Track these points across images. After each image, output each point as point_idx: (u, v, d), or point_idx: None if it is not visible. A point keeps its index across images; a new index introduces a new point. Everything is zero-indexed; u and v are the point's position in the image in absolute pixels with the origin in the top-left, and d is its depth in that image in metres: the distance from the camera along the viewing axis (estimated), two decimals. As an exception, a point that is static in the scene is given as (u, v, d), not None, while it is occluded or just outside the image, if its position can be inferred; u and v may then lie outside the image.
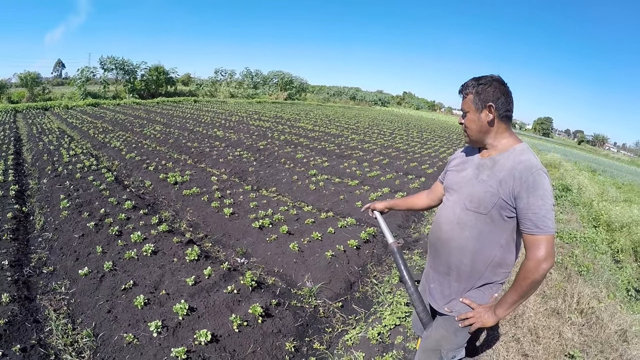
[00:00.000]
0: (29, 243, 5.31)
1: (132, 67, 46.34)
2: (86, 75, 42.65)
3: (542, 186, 1.81)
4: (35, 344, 3.23)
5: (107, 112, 24.48)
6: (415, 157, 13.56)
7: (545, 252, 1.78)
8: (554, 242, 1.83)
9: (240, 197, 7.01)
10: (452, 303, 2.18)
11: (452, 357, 2.28)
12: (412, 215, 6.99)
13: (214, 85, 57.03)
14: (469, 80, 2.01)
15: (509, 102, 1.95)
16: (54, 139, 13.05)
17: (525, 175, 1.83)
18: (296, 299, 4.21)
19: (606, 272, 5.43)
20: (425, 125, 35.54)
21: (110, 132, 14.86)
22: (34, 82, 41.69)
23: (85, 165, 8.92)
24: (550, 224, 1.79)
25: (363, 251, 5.25)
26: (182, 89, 55.33)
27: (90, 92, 41.47)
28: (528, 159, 1.88)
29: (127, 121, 19.05)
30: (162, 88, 49.34)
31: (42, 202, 6.76)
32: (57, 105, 30.35)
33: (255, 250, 5.25)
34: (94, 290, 4.01)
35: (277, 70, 64.21)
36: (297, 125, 20.81)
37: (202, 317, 3.59)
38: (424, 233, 6.23)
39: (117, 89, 46.16)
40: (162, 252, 4.72)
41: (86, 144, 12.54)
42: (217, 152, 11.37)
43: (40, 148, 11.55)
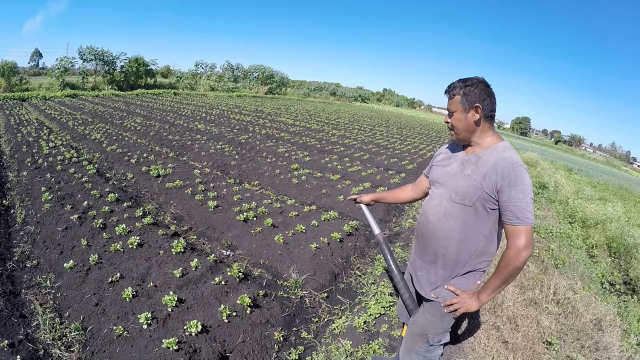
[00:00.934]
0: (11, 237, 5.16)
1: (112, 58, 44.98)
2: (64, 65, 41.14)
3: (522, 181, 1.93)
4: (23, 339, 3.16)
5: (86, 104, 23.81)
6: (395, 153, 13.65)
7: (525, 242, 1.91)
8: (532, 233, 1.96)
9: (224, 191, 6.95)
10: (438, 289, 2.28)
11: (438, 341, 2.37)
12: (393, 209, 7.07)
13: (194, 78, 55.91)
14: (456, 82, 2.11)
15: (493, 103, 2.08)
16: (32, 131, 12.65)
17: (507, 171, 1.95)
18: (282, 290, 4.23)
19: (581, 265, 5.59)
20: (405, 122, 35.77)
21: (90, 124, 14.46)
22: (11, 71, 40.16)
23: (65, 157, 8.68)
24: (529, 216, 1.92)
25: (346, 244, 5.29)
26: (161, 81, 54.15)
27: (69, 82, 40.14)
28: (510, 156, 2.01)
29: (107, 113, 18.58)
30: (142, 80, 48.17)
31: (23, 194, 6.56)
32: (35, 96, 29.29)
33: (240, 242, 5.24)
34: (80, 284, 3.93)
35: (258, 64, 63.51)
36: (278, 120, 20.68)
37: (191, 308, 3.57)
38: (405, 227, 6.31)
39: (96, 80, 44.79)
40: (147, 244, 4.65)
41: (66, 136, 12.18)
42: (198, 146, 11.22)
43: (18, 140, 11.16)
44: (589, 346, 3.65)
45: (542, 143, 72.95)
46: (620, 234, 7.15)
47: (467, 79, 2.10)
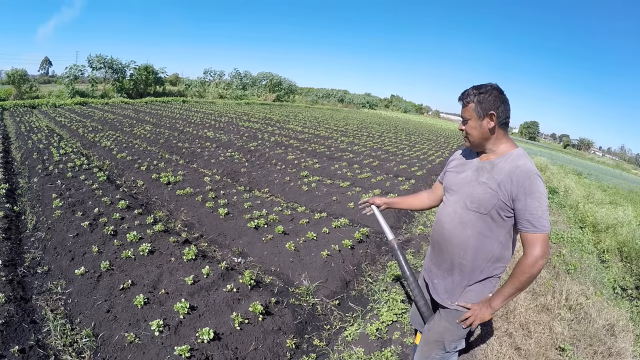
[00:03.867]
0: (22, 243, 5.22)
1: (121, 66, 45.65)
2: (74, 73, 41.84)
3: (537, 189, 1.97)
4: (34, 345, 3.18)
5: (96, 111, 24.12)
6: (404, 160, 13.64)
7: (541, 250, 1.95)
8: (548, 240, 1.99)
9: (234, 198, 6.98)
10: (455, 297, 2.30)
11: (454, 347, 2.38)
12: (403, 215, 7.05)
13: (203, 85, 56.57)
14: (470, 89, 2.13)
15: (507, 110, 2.10)
16: (43, 138, 12.82)
17: (522, 179, 1.98)
18: (294, 297, 4.23)
19: (593, 271, 5.54)
20: (413, 128, 35.82)
21: (100, 132, 14.63)
22: (21, 79, 40.87)
23: (76, 164, 8.79)
24: (545, 224, 1.95)
25: (357, 251, 5.28)
26: (170, 89, 54.79)
27: (78, 90, 40.73)
28: (524, 164, 2.04)
29: (117, 120, 18.80)
30: (151, 88, 48.79)
31: (34, 201, 6.64)
32: (45, 104, 29.76)
33: (251, 249, 5.25)
34: (91, 290, 3.96)
35: (266, 71, 64.05)
36: (286, 127, 20.77)
37: (203, 315, 3.57)
38: (415, 233, 6.28)
39: (106, 88, 45.42)
40: (159, 251, 4.68)
41: (76, 143, 12.33)
42: (208, 153, 11.30)
43: (29, 146, 11.33)
44: (602, 352, 3.61)
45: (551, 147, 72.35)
46: (632, 238, 7.08)
47: (481, 85, 2.12)
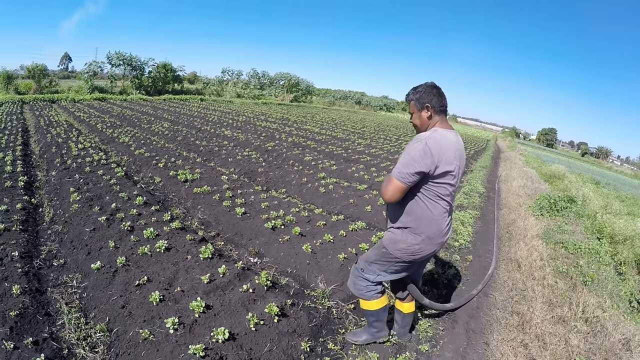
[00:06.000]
0: (39, 235, 5.30)
1: (140, 64, 46.79)
2: (93, 69, 42.98)
3: (409, 147, 2.65)
4: (48, 337, 3.21)
5: (114, 107, 24.56)
6: None
7: (388, 187, 2.63)
8: (395, 186, 2.61)
9: (252, 197, 6.99)
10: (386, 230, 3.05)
11: (361, 267, 3.12)
12: None
13: (221, 84, 57.59)
14: (409, 91, 2.81)
15: (441, 100, 2.73)
16: (61, 132, 13.09)
17: (408, 143, 2.71)
18: (310, 299, 4.20)
19: (610, 283, 5.42)
20: None
21: (118, 127, 14.91)
22: (41, 74, 42.07)
23: (94, 159, 8.94)
24: (395, 170, 2.62)
25: None
26: (188, 87, 55.73)
27: (98, 86, 41.70)
28: (421, 134, 2.69)
29: (135, 117, 19.13)
30: (169, 85, 49.70)
31: (51, 194, 6.76)
32: (64, 98, 30.47)
33: (268, 250, 5.25)
34: (107, 285, 3.99)
35: (284, 72, 65.02)
36: (304, 128, 20.85)
37: (218, 315, 3.57)
38: None
39: (124, 85, 46.40)
40: (175, 249, 4.70)
41: (94, 138, 12.55)
42: (226, 152, 11.38)
43: (48, 140, 11.58)
44: (617, 367, 3.52)
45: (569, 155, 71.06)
46: (650, 251, 6.90)
47: (418, 85, 2.79)
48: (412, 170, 2.55)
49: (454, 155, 2.67)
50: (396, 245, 2.85)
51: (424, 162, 2.54)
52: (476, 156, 20.57)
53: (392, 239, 2.88)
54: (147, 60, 47.92)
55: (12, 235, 4.94)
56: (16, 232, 5.05)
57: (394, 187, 2.60)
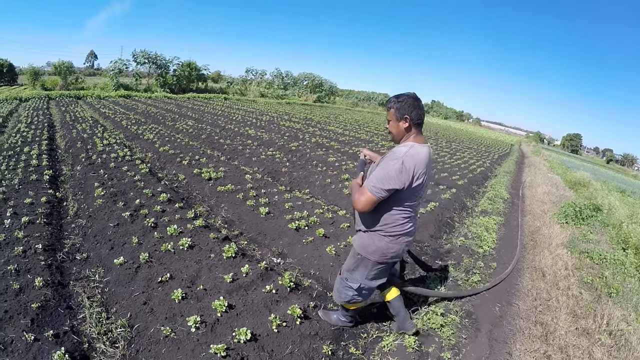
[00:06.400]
0: (62, 228, 5.42)
1: (165, 62, 47.82)
2: (119, 67, 44.18)
3: (386, 163, 2.75)
4: (68, 331, 3.26)
5: (139, 105, 25.04)
6: (445, 168, 13.47)
7: (361, 198, 2.77)
8: (369, 199, 2.75)
9: (275, 197, 6.99)
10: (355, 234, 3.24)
11: (345, 277, 3.27)
12: (444, 226, 6.91)
13: (245, 84, 58.42)
14: (391, 98, 2.90)
15: (420, 113, 2.84)
16: (87, 128, 13.40)
17: (387, 155, 2.85)
18: (332, 302, 4.16)
19: (635, 295, 5.24)
20: (454, 135, 35.51)
21: (143, 124, 15.18)
22: (67, 71, 43.41)
23: (119, 155, 9.12)
24: (370, 184, 2.75)
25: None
26: (212, 86, 56.58)
27: (123, 83, 42.79)
28: (398, 150, 2.81)
29: (159, 114, 19.45)
30: (193, 84, 50.55)
31: (76, 188, 6.90)
32: (90, 95, 31.28)
33: (291, 251, 5.23)
34: (129, 281, 4.03)
35: (307, 72, 65.81)
36: (327, 129, 20.85)
37: (240, 315, 3.56)
38: (456, 244, 6.10)
39: (149, 82, 47.47)
40: (198, 247, 4.72)
41: (119, 135, 12.80)
42: (249, 151, 11.44)
43: (73, 135, 11.87)
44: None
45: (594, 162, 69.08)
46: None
47: (400, 94, 2.87)
48: (387, 187, 2.70)
49: (425, 170, 2.83)
50: (367, 249, 3.05)
51: (398, 180, 2.70)
52: (500, 161, 20.27)
53: (362, 245, 3.08)
54: (171, 58, 49.09)
55: (36, 228, 5.05)
56: (40, 225, 5.17)
57: (367, 200, 2.75)
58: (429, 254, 5.71)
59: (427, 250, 5.83)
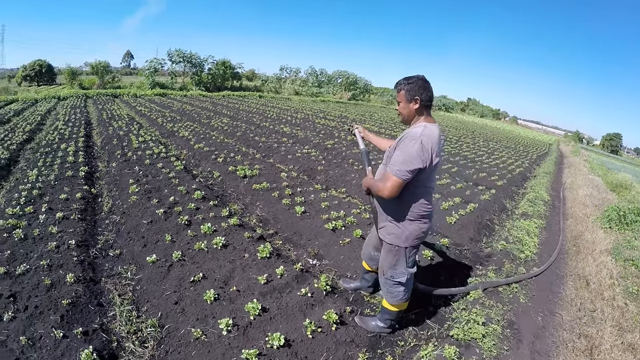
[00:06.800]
0: (96, 224, 5.49)
1: (200, 61, 49.04)
2: (154, 66, 45.64)
3: (405, 145, 2.83)
4: (98, 329, 3.25)
5: (175, 102, 25.54)
6: (483, 168, 13.10)
7: (385, 185, 2.85)
8: (395, 183, 2.81)
9: (311, 196, 6.88)
10: (381, 230, 3.26)
11: (390, 276, 3.27)
12: (483, 228, 6.67)
13: (279, 81, 59.34)
14: (401, 80, 3.00)
15: (429, 95, 2.97)
16: (123, 125, 13.72)
17: (404, 137, 2.91)
18: (369, 307, 4.06)
19: None
20: (491, 134, 34.85)
21: (178, 122, 15.42)
22: (104, 70, 45.09)
23: (154, 152, 9.24)
24: (394, 168, 2.81)
25: (436, 263, 5.01)
26: (247, 84, 57.51)
27: (158, 82, 44.09)
28: (414, 131, 2.89)
29: (195, 112, 19.74)
30: (228, 82, 51.49)
31: (111, 185, 6.99)
32: (126, 93, 32.27)
33: (327, 252, 5.11)
34: (161, 279, 4.00)
35: (341, 70, 66.37)
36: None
37: (274, 318, 3.46)
38: (496, 249, 5.84)
39: (184, 81, 48.63)
40: (232, 246, 4.66)
41: (155, 132, 13.03)
42: (285, 149, 11.39)
43: (109, 133, 12.14)
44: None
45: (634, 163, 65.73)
46: None
47: (410, 77, 2.97)
48: (411, 167, 2.78)
49: (439, 148, 2.95)
50: (401, 238, 3.13)
51: (420, 159, 2.79)
52: (539, 161, 19.55)
53: (396, 236, 3.14)
54: (206, 57, 50.37)
55: (70, 224, 5.11)
56: (74, 221, 5.23)
57: (393, 184, 2.82)
58: (468, 257, 5.47)
59: (467, 253, 5.58)
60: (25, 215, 5.33)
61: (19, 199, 5.86)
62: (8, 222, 4.99)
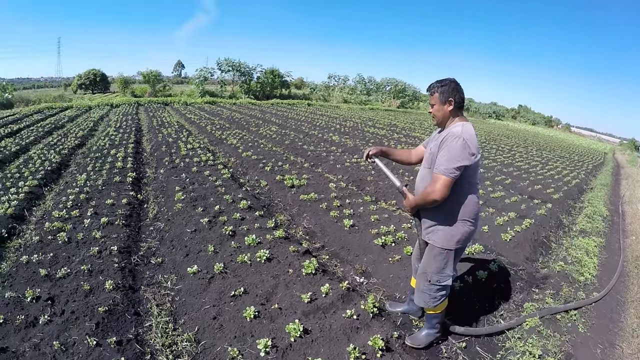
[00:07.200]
0: (140, 230, 5.53)
1: (248, 69, 50.66)
2: (204, 75, 47.57)
3: (450, 145, 2.85)
4: (132, 339, 3.20)
5: (224, 110, 26.10)
6: (538, 179, 12.39)
7: (435, 187, 2.86)
8: (445, 182, 2.83)
9: (360, 209, 6.66)
10: (429, 233, 3.23)
11: (437, 280, 3.24)
12: (540, 246, 6.23)
13: (327, 89, 60.11)
14: (434, 83, 3.09)
15: (462, 96, 3.06)
16: (172, 132, 14.06)
17: (445, 138, 2.92)
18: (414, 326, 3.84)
19: None
20: (544, 143, 33.34)
21: (226, 130, 15.67)
22: (155, 79, 47.33)
23: (202, 159, 9.34)
24: (442, 168, 2.83)
25: (489, 284, 4.69)
26: (295, 92, 58.51)
27: (208, 90, 45.71)
28: (454, 130, 2.94)
29: (243, 120, 20.05)
30: (277, 90, 52.63)
31: (157, 191, 7.07)
32: (177, 101, 33.45)
33: (375, 269, 4.87)
34: (201, 292, 3.92)
35: (390, 77, 66.33)
36: (412, 135, 20.30)
37: (316, 341, 3.26)
38: (554, 269, 5.39)
39: (234, 89, 49.99)
40: (277, 260, 4.52)
41: (203, 139, 13.26)
42: (333, 158, 11.25)
43: (159, 139, 12.45)
44: None
45: None
46: None
47: (442, 80, 3.07)
48: (458, 164, 2.81)
49: (478, 145, 3.01)
50: (453, 240, 3.11)
51: (465, 156, 2.83)
52: (594, 172, 18.34)
53: (447, 239, 3.12)
54: (255, 66, 51.85)
55: (114, 229, 5.17)
56: (118, 226, 5.29)
57: (442, 184, 2.85)
58: (524, 279, 5.07)
59: (522, 274, 5.18)
60: (70, 219, 5.47)
61: (66, 203, 6.03)
62: (54, 225, 5.13)
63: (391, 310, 4.06)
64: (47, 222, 5.27)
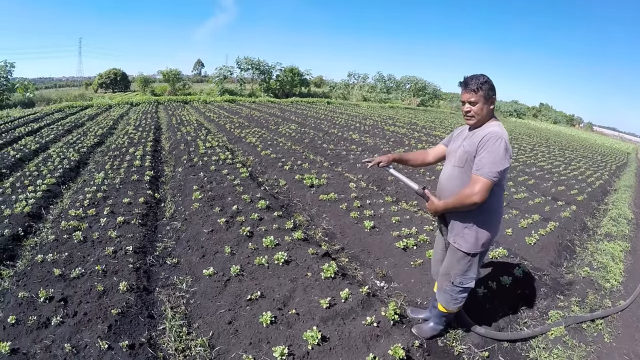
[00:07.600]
0: (157, 230, 5.49)
1: (268, 68, 51.02)
2: (223, 73, 48.10)
3: (491, 146, 2.75)
4: (145, 343, 3.14)
5: (243, 109, 26.19)
6: (561, 180, 12.03)
7: (476, 189, 2.75)
8: (486, 185, 2.73)
9: (381, 210, 6.51)
10: (454, 235, 3.13)
11: (460, 282, 3.18)
12: (564, 251, 6.01)
13: (347, 88, 60.08)
14: (474, 80, 2.89)
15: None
16: (191, 130, 14.07)
17: (486, 138, 2.80)
18: (440, 340, 3.66)
19: None
20: (566, 142, 32.59)
21: (246, 128, 15.66)
22: (175, 78, 48.02)
23: (220, 158, 9.30)
24: (484, 171, 2.73)
25: (514, 290, 4.53)
26: (315, 91, 58.56)
27: (227, 89, 45.96)
28: (494, 130, 2.83)
29: (262, 118, 20.05)
30: (296, 88, 52.88)
31: (175, 190, 7.04)
32: (196, 100, 33.68)
33: (397, 274, 4.72)
34: (216, 295, 3.84)
35: (410, 75, 66.15)
36: (433, 134, 20.02)
37: (334, 349, 3.14)
38: (579, 275, 5.18)
39: (253, 88, 50.28)
40: (295, 262, 4.41)
41: (222, 138, 13.27)
42: (353, 157, 11.11)
43: (178, 138, 12.47)
44: None
45: None
46: None
47: (479, 76, 2.89)
48: (501, 167, 2.75)
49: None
50: (480, 241, 3.04)
51: (507, 159, 2.78)
52: (618, 172, 17.74)
53: (475, 242, 3.04)
54: (274, 64, 52.07)
55: (130, 229, 5.13)
56: (135, 226, 5.25)
57: (482, 186, 2.76)
58: (548, 284, 4.88)
59: (546, 280, 4.98)
60: (87, 218, 5.45)
61: (83, 201, 6.03)
62: (70, 224, 5.12)
63: (413, 317, 3.96)
64: (63, 220, 5.27)
